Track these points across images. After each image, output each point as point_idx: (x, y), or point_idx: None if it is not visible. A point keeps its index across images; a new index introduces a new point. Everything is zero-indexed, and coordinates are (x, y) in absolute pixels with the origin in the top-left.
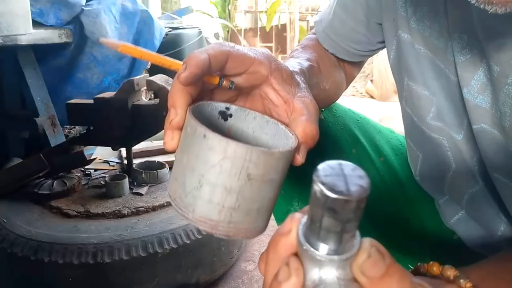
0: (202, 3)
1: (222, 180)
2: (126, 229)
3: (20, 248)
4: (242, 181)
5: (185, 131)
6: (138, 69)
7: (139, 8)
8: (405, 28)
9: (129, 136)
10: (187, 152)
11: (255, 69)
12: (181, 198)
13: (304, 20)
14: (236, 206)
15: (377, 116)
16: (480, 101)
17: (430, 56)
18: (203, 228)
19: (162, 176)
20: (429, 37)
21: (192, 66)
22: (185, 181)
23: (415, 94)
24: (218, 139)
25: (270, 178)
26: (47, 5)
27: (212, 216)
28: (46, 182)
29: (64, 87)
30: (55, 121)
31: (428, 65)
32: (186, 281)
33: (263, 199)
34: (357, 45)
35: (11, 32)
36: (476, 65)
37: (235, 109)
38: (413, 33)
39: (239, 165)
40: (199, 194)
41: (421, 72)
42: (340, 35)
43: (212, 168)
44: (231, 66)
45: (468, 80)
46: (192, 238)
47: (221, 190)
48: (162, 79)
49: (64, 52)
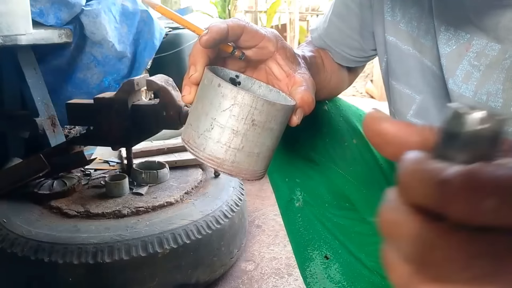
0: (202, 3)
1: (231, 123)
2: (126, 229)
3: (20, 248)
4: (247, 125)
5: (202, 84)
6: (138, 69)
7: (139, 8)
8: (391, 31)
9: (129, 136)
10: (202, 101)
11: (264, 44)
12: (194, 139)
13: (304, 20)
14: (240, 147)
15: None
16: (464, 90)
17: (418, 56)
18: (210, 165)
19: (162, 176)
20: (417, 37)
21: (213, 32)
22: (199, 125)
23: (397, 93)
24: (230, 88)
25: (271, 127)
26: (47, 5)
27: (219, 155)
28: (46, 182)
29: (64, 87)
30: (55, 121)
31: (415, 65)
32: (186, 281)
33: (262, 145)
34: (351, 51)
35: (11, 32)
36: (461, 55)
37: (243, 78)
38: (401, 34)
39: (246, 111)
40: (210, 135)
41: (405, 72)
42: (336, 40)
43: (223, 112)
44: (244, 39)
45: (454, 70)
46: (192, 238)
47: (229, 132)
48: (162, 79)
49: (64, 52)
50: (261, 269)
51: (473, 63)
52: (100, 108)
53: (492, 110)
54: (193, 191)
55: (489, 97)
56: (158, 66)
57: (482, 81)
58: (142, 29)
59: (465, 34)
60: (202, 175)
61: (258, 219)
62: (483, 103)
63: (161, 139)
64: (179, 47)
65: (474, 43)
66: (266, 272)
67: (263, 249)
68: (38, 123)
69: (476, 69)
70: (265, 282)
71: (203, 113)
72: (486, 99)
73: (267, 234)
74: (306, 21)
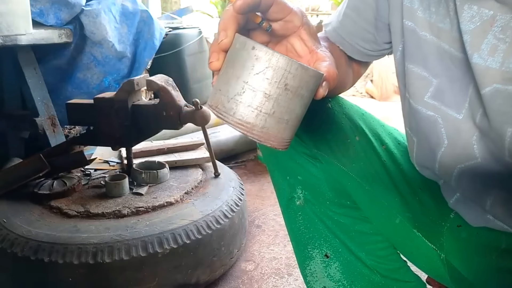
0: (202, 3)
1: (264, 86)
2: (126, 229)
3: (20, 248)
4: (280, 89)
5: (233, 48)
6: (138, 69)
7: (139, 8)
8: (409, 17)
9: (129, 136)
10: (233, 65)
11: (291, 18)
12: (223, 103)
13: None
14: (271, 112)
15: (377, 116)
16: (491, 62)
17: (435, 41)
18: (240, 130)
19: (162, 176)
20: (435, 22)
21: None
22: (229, 89)
23: (414, 76)
24: (265, 50)
25: (302, 93)
26: (47, 5)
27: (250, 119)
28: (46, 182)
29: (64, 87)
30: (55, 121)
31: (432, 50)
32: (186, 281)
33: (292, 112)
34: (366, 44)
35: (11, 32)
36: (486, 30)
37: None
38: (418, 21)
39: (280, 74)
40: (241, 99)
41: (423, 56)
42: (351, 33)
43: (256, 75)
44: (274, 10)
45: (479, 46)
46: (192, 238)
47: (261, 95)
48: (162, 79)
49: (64, 52)
50: (261, 269)
51: (498, 36)
52: (100, 108)
53: None
54: (193, 191)
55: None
56: (158, 66)
57: (508, 51)
58: (142, 29)
59: (488, 11)
60: (202, 175)
61: (258, 219)
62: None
63: (161, 139)
64: (179, 47)
65: (498, 19)
66: (266, 272)
67: (263, 249)
68: (38, 123)
69: (502, 42)
70: (265, 282)
71: (233, 77)
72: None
73: (267, 234)
74: None
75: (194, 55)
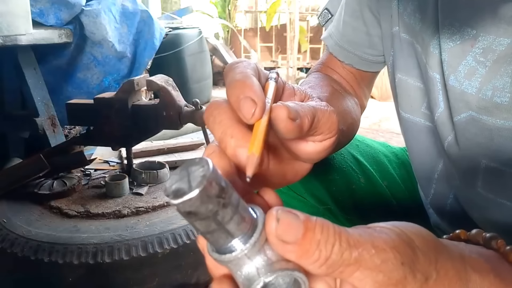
0: (202, 3)
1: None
2: (126, 229)
3: (20, 248)
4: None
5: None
6: (138, 69)
7: (139, 8)
8: (397, 22)
9: (129, 136)
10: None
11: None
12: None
13: (304, 20)
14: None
15: (377, 116)
16: (466, 87)
17: (419, 51)
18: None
19: (162, 176)
20: (419, 31)
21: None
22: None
23: (403, 86)
24: None
25: None
26: (47, 5)
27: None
28: (46, 182)
29: (64, 87)
30: (55, 121)
31: (415, 56)
32: (186, 281)
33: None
34: (373, 50)
35: (11, 32)
36: (466, 50)
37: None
38: (405, 27)
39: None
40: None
41: (409, 63)
42: (355, 43)
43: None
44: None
45: (456, 66)
46: (192, 238)
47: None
48: (162, 79)
49: (64, 52)
50: None
51: (478, 59)
52: (100, 108)
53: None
54: None
55: (495, 92)
56: (158, 66)
57: (487, 77)
58: (142, 29)
59: (471, 30)
60: None
61: None
62: (488, 99)
63: (161, 139)
64: (179, 47)
65: (480, 39)
66: None
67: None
68: (38, 123)
69: (482, 65)
70: None
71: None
72: (492, 95)
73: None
74: (306, 21)
75: (194, 55)
